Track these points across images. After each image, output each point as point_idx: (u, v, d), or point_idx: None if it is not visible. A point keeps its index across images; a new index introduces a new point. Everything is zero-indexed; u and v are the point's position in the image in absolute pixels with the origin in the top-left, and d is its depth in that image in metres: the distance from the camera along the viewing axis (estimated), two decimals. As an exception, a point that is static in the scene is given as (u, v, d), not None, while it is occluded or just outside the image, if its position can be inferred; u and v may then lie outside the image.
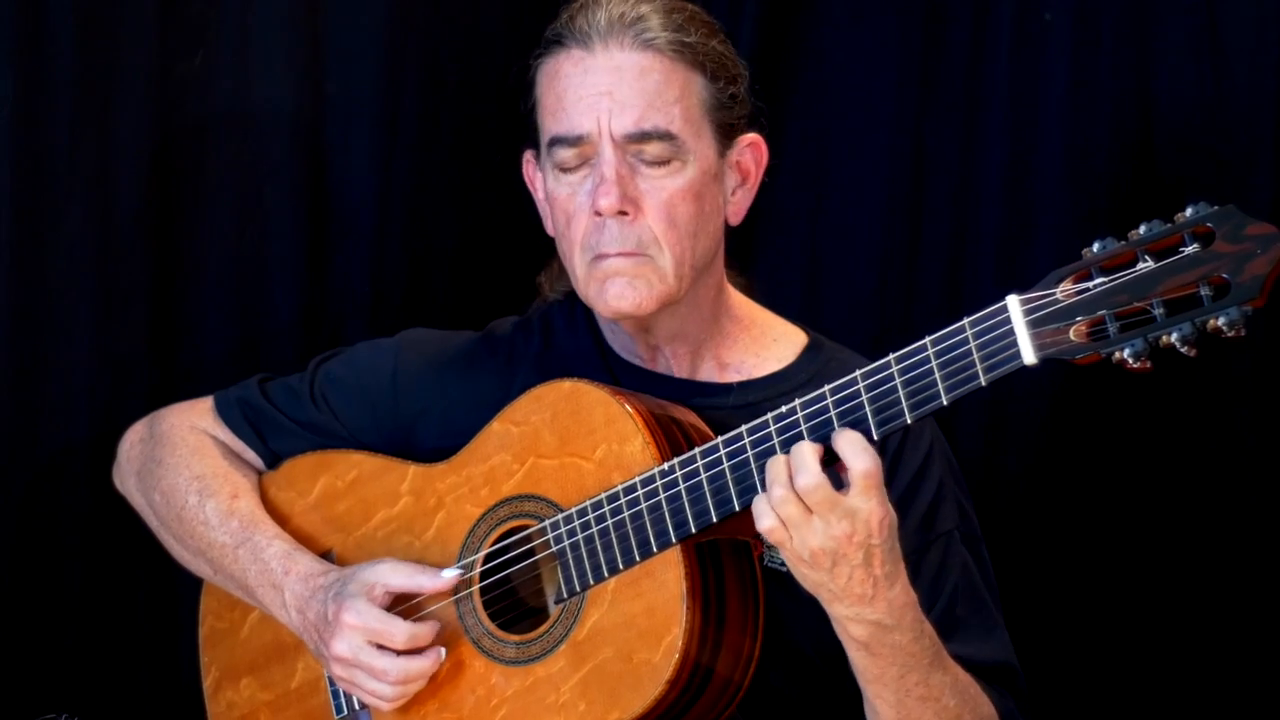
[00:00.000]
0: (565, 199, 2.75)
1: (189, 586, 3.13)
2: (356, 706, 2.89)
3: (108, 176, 3.58)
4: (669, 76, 2.72)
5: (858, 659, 2.56)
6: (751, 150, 2.82)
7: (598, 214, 2.71)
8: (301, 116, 3.73)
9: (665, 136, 2.71)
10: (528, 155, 2.88)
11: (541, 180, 2.84)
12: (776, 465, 2.47)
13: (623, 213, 2.70)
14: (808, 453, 2.45)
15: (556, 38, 2.77)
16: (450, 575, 2.77)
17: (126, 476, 3.11)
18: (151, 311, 3.65)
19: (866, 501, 2.43)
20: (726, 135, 2.78)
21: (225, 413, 3.06)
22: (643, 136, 2.70)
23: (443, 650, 2.77)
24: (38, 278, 3.54)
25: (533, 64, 2.80)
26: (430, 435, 2.92)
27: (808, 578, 2.49)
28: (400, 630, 2.76)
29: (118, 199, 3.60)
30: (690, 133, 2.73)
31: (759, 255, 3.76)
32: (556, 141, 2.74)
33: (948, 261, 3.71)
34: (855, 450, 2.43)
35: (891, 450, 2.74)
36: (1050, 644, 3.60)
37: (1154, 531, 3.60)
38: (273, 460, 3.05)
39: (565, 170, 2.75)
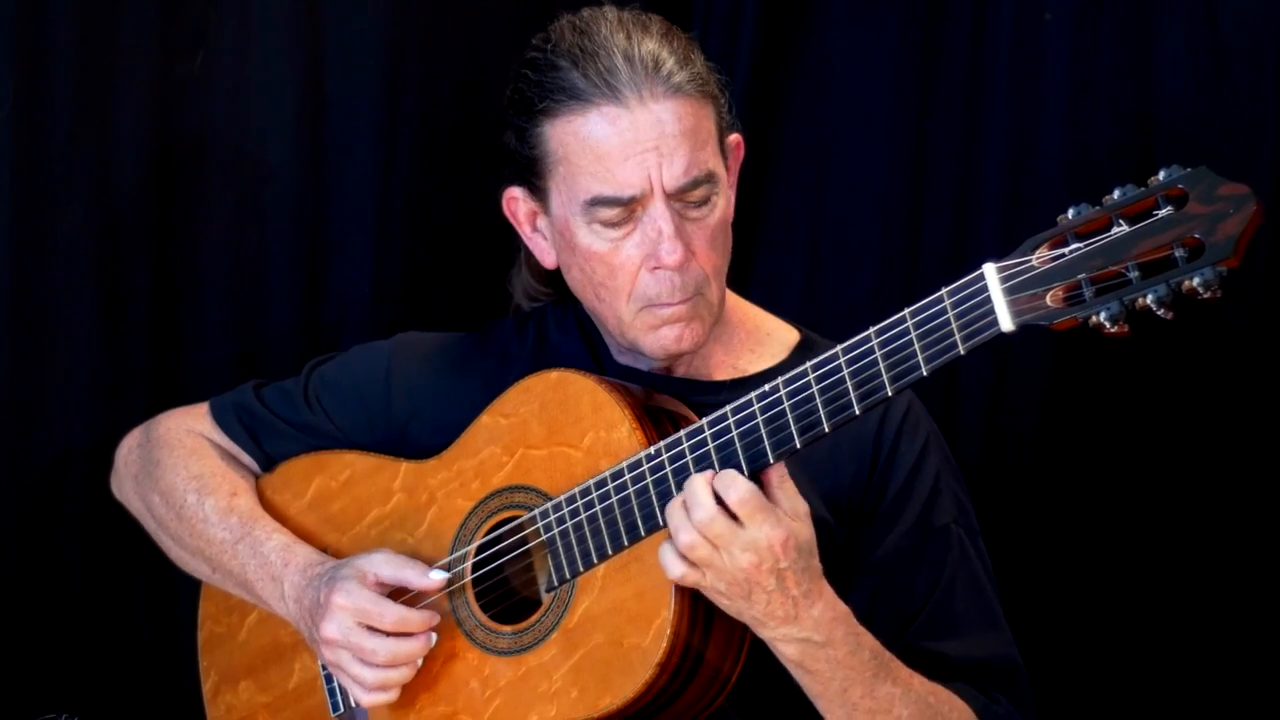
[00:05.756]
0: (606, 254, 2.71)
1: (189, 587, 3.14)
2: (353, 704, 2.88)
3: (108, 176, 3.60)
4: (699, 118, 2.68)
5: (799, 679, 2.56)
6: (736, 150, 2.81)
7: (656, 268, 2.68)
8: (301, 117, 3.74)
9: (709, 179, 2.68)
10: (510, 192, 2.82)
11: (533, 217, 2.81)
12: (675, 512, 2.48)
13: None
14: (699, 487, 2.46)
15: (571, 91, 2.68)
16: (438, 577, 2.76)
17: (124, 481, 3.11)
18: (151, 312, 3.66)
19: (759, 528, 2.43)
20: (725, 147, 2.77)
21: (220, 417, 3.06)
22: (693, 185, 2.67)
23: (433, 635, 2.76)
24: (38, 278, 3.56)
25: (538, 116, 2.72)
26: (424, 436, 2.91)
27: (729, 607, 2.50)
28: (390, 611, 2.74)
29: (118, 199, 3.62)
30: (719, 164, 2.72)
31: (759, 255, 3.77)
32: (601, 202, 2.68)
33: (947, 262, 3.71)
34: (725, 484, 2.45)
35: (887, 443, 2.74)
36: (1051, 633, 3.60)
37: (1153, 518, 3.60)
38: (267, 463, 3.05)
39: (608, 226, 2.70)
